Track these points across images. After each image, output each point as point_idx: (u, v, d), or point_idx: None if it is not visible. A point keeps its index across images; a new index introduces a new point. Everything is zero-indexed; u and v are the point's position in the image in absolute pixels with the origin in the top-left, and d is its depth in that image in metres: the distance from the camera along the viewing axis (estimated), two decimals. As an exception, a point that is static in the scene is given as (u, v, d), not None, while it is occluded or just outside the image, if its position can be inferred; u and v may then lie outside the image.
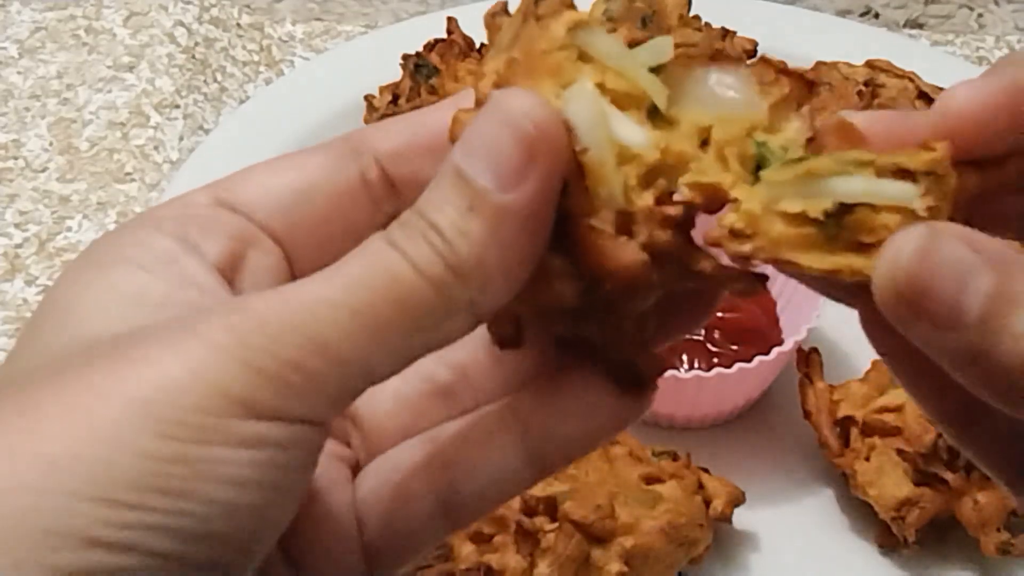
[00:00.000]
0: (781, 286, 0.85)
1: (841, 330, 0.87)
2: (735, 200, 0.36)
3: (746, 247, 0.36)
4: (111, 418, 0.31)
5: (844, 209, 0.35)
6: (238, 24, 1.14)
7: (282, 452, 0.33)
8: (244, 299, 0.34)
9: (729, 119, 0.37)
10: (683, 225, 0.37)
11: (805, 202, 0.35)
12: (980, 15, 1.16)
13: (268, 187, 0.39)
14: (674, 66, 0.38)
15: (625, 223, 0.36)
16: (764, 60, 0.38)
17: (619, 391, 0.39)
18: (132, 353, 0.33)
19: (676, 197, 0.36)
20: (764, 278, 0.38)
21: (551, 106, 0.35)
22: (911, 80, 0.95)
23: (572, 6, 0.37)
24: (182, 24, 1.13)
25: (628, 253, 0.36)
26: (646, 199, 0.36)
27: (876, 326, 0.38)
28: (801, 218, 0.35)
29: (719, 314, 0.83)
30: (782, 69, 0.38)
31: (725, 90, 0.38)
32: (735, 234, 0.36)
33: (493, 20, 0.38)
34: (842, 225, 0.35)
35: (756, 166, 0.37)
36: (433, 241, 0.34)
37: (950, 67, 1.01)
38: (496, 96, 0.35)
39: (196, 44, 1.11)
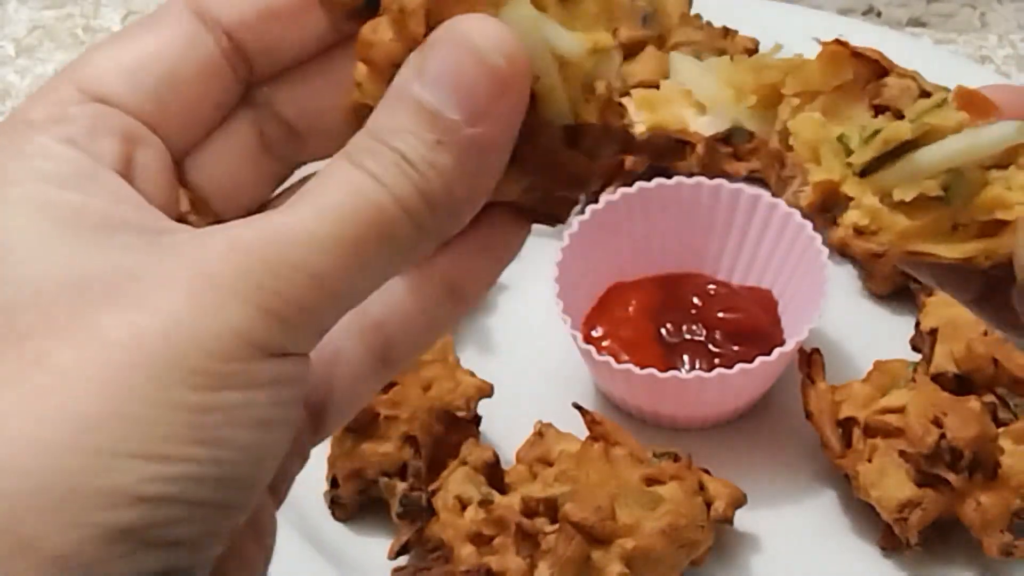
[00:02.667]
0: (783, 286, 0.85)
1: (843, 331, 0.87)
2: (849, 198, 0.36)
3: (876, 243, 0.35)
4: (140, 371, 0.31)
5: (959, 180, 0.35)
6: (237, 23, 1.14)
7: (292, 387, 0.34)
8: (236, 233, 0.34)
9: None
10: (626, 134, 0.38)
11: (915, 185, 0.35)
12: (983, 14, 1.15)
13: (131, 72, 0.38)
14: None
15: (573, 135, 0.37)
16: (838, 42, 0.38)
17: (531, 221, 0.40)
18: (139, 295, 0.32)
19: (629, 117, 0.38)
20: (685, 143, 0.39)
21: (514, 35, 0.35)
22: (913, 79, 0.94)
23: None
24: (181, 23, 1.13)
25: (582, 168, 0.37)
26: (592, 113, 0.37)
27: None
28: (923, 202, 0.35)
29: (720, 314, 0.82)
30: (855, 52, 0.38)
31: None
32: (860, 231, 0.35)
33: None
34: (965, 200, 0.35)
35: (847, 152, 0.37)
36: (407, 172, 0.34)
37: (952, 66, 1.01)
38: (457, 24, 0.35)
39: (195, 43, 1.11)
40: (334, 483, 0.77)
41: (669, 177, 0.87)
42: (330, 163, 0.35)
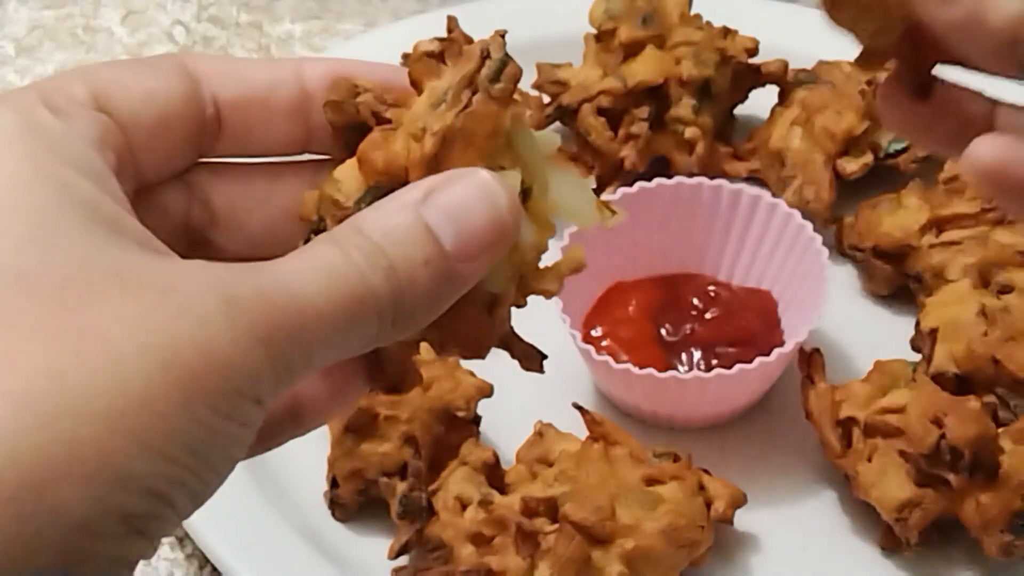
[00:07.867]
0: (783, 287, 0.85)
1: (843, 330, 0.87)
2: None
3: None
4: (173, 373, 0.33)
5: None
6: (236, 23, 1.14)
7: (254, 433, 0.36)
8: (261, 282, 0.36)
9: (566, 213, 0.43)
10: (513, 333, 0.43)
11: None
12: (982, 13, 1.15)
13: (136, 101, 0.40)
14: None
15: (492, 303, 0.41)
16: None
17: (372, 381, 0.43)
18: (177, 303, 0.34)
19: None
20: (544, 357, 0.44)
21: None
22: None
23: (516, 95, 0.40)
24: (180, 23, 1.13)
25: (485, 334, 0.41)
26: (513, 293, 0.41)
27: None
28: None
29: (721, 315, 0.82)
30: None
31: (569, 192, 0.43)
32: None
33: (426, 62, 0.41)
34: None
35: None
36: (390, 278, 0.37)
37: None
38: (480, 175, 0.39)
39: (195, 43, 1.11)
40: (334, 483, 0.77)
41: (669, 177, 0.87)
42: (316, 245, 0.38)
